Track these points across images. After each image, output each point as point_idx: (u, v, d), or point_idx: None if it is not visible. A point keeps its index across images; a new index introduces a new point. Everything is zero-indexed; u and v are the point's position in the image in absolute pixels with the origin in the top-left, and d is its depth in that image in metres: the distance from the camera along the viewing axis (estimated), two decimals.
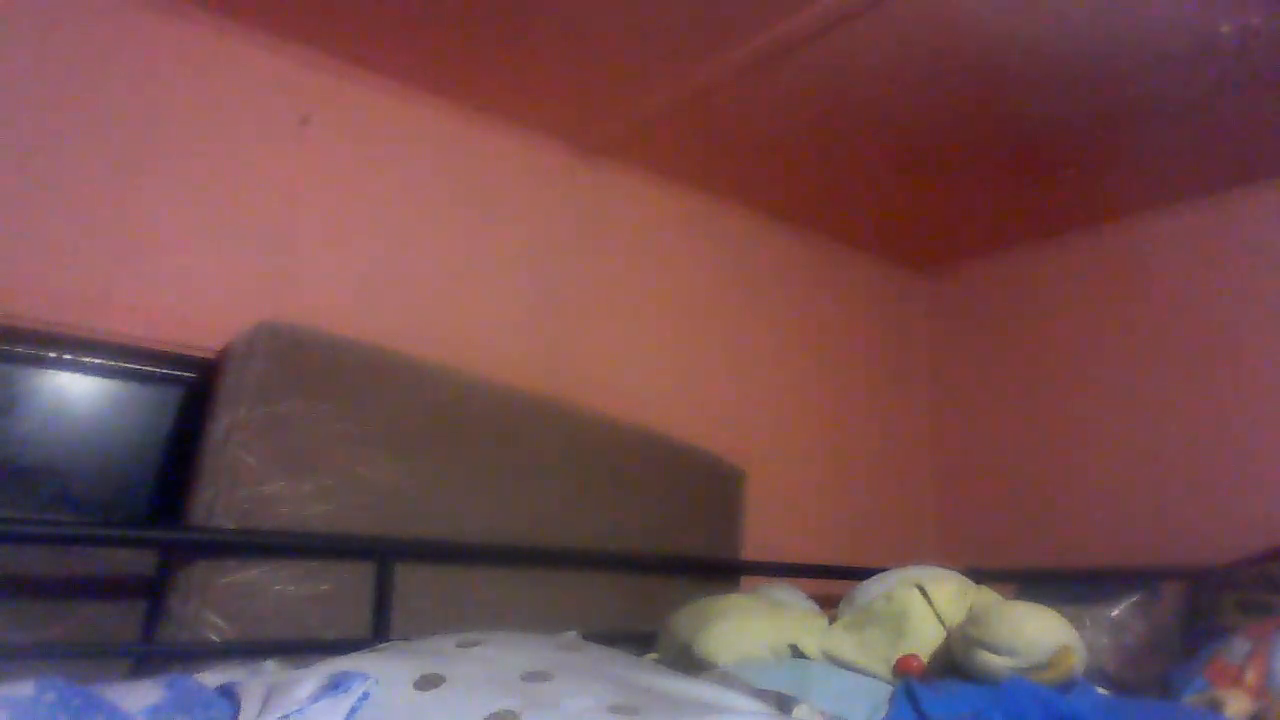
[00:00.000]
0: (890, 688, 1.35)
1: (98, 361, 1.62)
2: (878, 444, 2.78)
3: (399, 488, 1.63)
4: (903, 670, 1.41)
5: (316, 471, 1.54)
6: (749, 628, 1.54)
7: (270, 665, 1.29)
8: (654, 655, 1.64)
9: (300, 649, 1.40)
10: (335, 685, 0.98)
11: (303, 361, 1.59)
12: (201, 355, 1.65)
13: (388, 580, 1.54)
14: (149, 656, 1.39)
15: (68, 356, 1.59)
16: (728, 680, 1.28)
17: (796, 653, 1.51)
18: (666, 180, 2.37)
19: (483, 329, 2.02)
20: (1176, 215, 2.42)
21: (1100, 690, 1.36)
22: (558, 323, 2.14)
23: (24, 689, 0.89)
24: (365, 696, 0.97)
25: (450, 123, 2.04)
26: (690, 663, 1.50)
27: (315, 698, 0.96)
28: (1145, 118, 2.00)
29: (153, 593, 1.49)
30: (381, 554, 1.55)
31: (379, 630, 1.52)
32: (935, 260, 2.90)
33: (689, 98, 1.96)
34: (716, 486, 2.17)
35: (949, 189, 2.39)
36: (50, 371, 1.59)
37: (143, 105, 1.66)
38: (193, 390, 1.68)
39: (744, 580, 2.15)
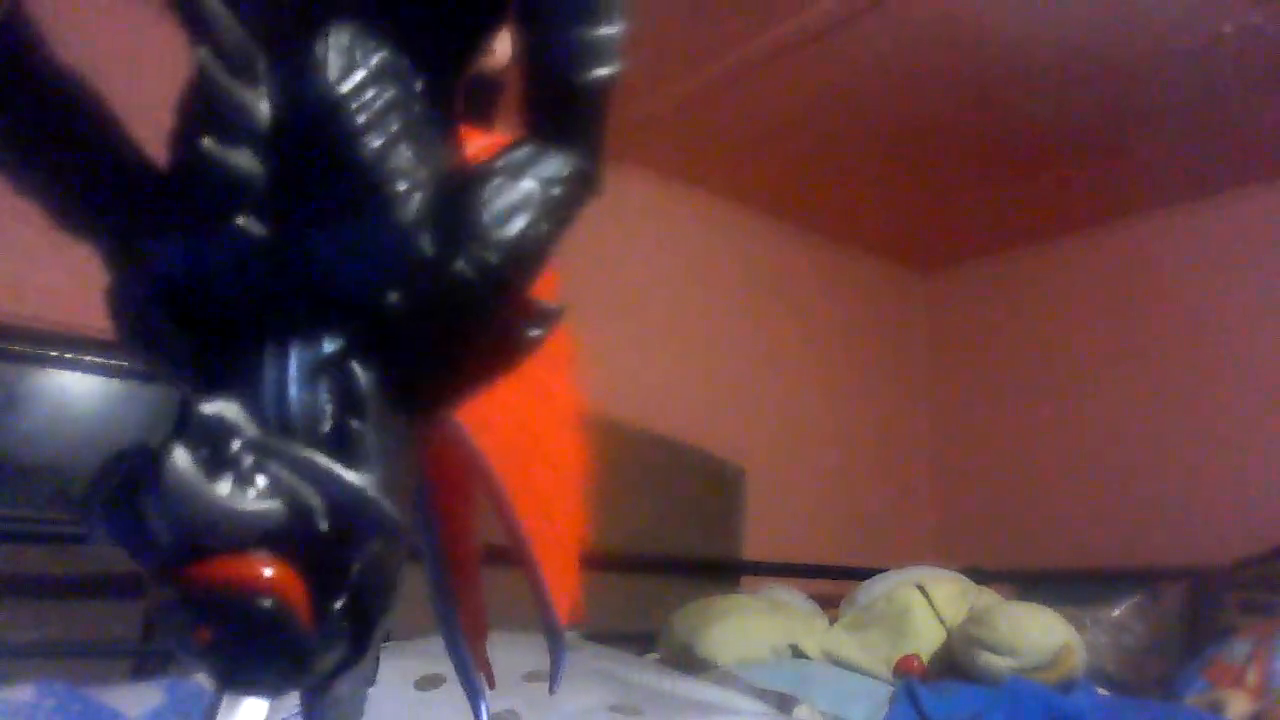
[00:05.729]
0: (891, 688, 1.35)
1: (99, 360, 1.62)
2: (878, 443, 2.77)
3: None
4: (903, 670, 1.41)
5: None
6: (750, 628, 1.54)
7: None
8: (654, 655, 1.64)
9: None
10: None
11: None
12: None
13: None
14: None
15: (69, 355, 1.59)
16: (728, 680, 1.28)
17: (797, 653, 1.51)
18: (664, 180, 2.36)
19: None
20: (1177, 215, 2.42)
21: (1100, 691, 1.36)
22: None
23: (24, 694, 0.89)
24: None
25: None
26: (691, 663, 1.50)
27: None
28: (1146, 117, 2.00)
29: None
30: None
31: None
32: (934, 260, 2.90)
33: (688, 98, 1.96)
34: (716, 486, 2.17)
35: (949, 189, 2.39)
36: (51, 370, 1.59)
37: (142, 104, 1.66)
38: None
39: (744, 580, 2.15)
